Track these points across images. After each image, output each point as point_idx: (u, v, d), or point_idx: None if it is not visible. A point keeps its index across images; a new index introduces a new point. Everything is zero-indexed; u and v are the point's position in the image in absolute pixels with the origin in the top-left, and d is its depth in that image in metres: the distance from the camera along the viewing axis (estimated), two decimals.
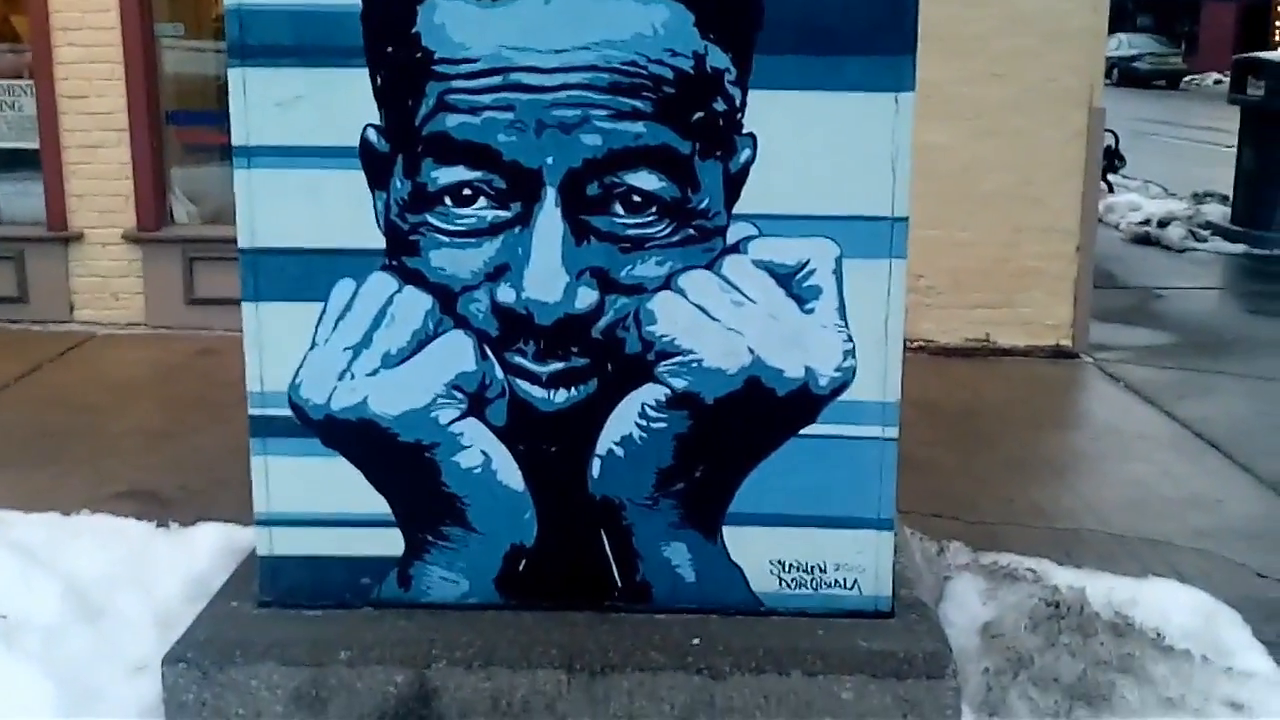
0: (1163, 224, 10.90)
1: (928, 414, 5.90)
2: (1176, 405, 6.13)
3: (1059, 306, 7.05)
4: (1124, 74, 39.49)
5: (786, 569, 3.14)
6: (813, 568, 3.13)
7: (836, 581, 3.14)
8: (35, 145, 7.31)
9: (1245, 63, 11.24)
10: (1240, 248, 10.42)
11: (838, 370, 3.01)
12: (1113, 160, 13.01)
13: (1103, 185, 12.60)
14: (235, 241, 3.08)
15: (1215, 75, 36.69)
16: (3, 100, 7.37)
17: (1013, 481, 5.14)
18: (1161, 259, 10.23)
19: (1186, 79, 39.27)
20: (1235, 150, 11.08)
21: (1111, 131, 12.83)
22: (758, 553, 3.14)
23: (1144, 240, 10.77)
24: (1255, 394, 6.40)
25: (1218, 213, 11.33)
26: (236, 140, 3.00)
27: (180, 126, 7.50)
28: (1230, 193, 11.24)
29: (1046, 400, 6.47)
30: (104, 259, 7.38)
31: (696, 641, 3.02)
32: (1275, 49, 32.73)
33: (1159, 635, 3.47)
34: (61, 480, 4.90)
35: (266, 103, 2.97)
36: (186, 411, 5.89)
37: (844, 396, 3.03)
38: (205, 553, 3.88)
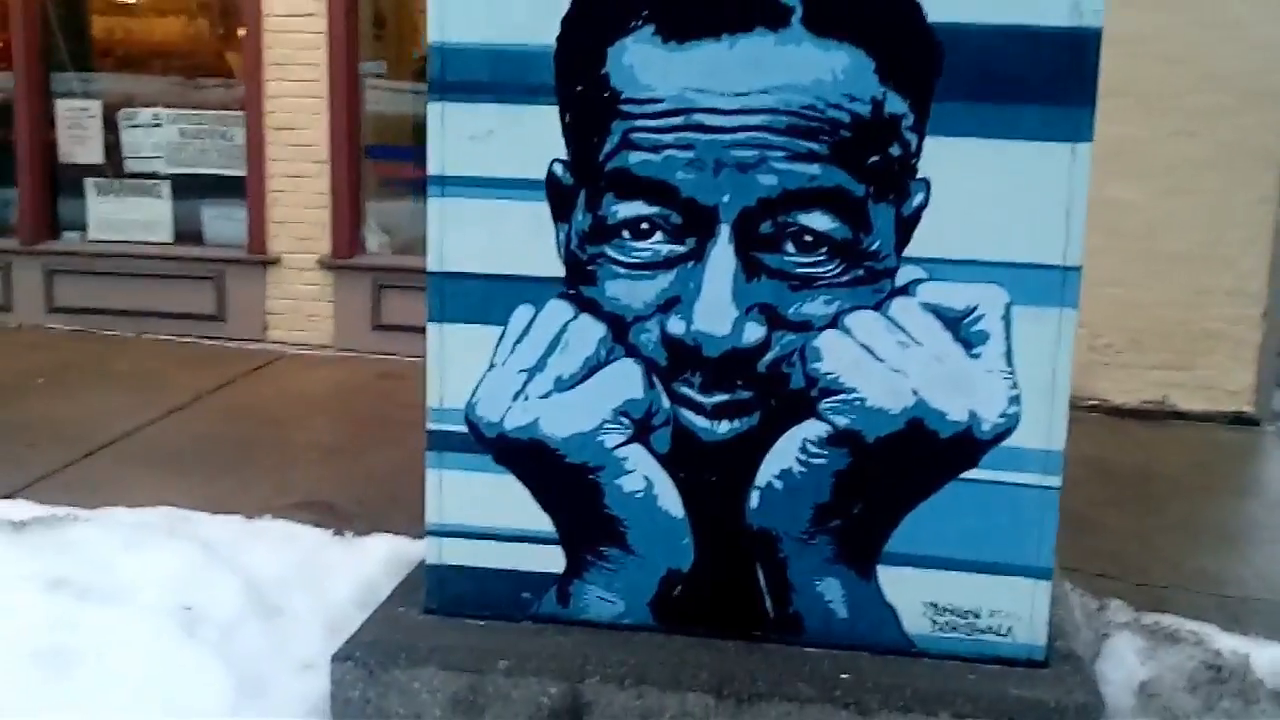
0: None
1: (1099, 474, 5.79)
2: None
3: (1241, 372, 6.82)
4: None
5: (940, 612, 3.14)
6: (967, 612, 3.13)
7: (990, 628, 3.13)
8: (242, 173, 7.75)
9: None
10: None
11: (1002, 416, 3.02)
12: None
13: None
14: (422, 271, 3.24)
15: None
16: (216, 129, 7.84)
17: (1182, 546, 5.00)
18: None
19: None
20: None
21: None
22: (912, 594, 3.15)
23: None
24: None
25: None
26: (432, 170, 3.17)
27: (377, 160, 7.85)
28: None
29: (1224, 466, 6.26)
30: (298, 283, 7.76)
31: (846, 676, 3.05)
32: None
33: None
34: (245, 487, 5.15)
35: (461, 135, 3.13)
36: (365, 430, 6.14)
37: (1007, 442, 3.03)
38: (376, 561, 4.05)
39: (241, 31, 7.66)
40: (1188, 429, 6.74)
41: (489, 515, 3.28)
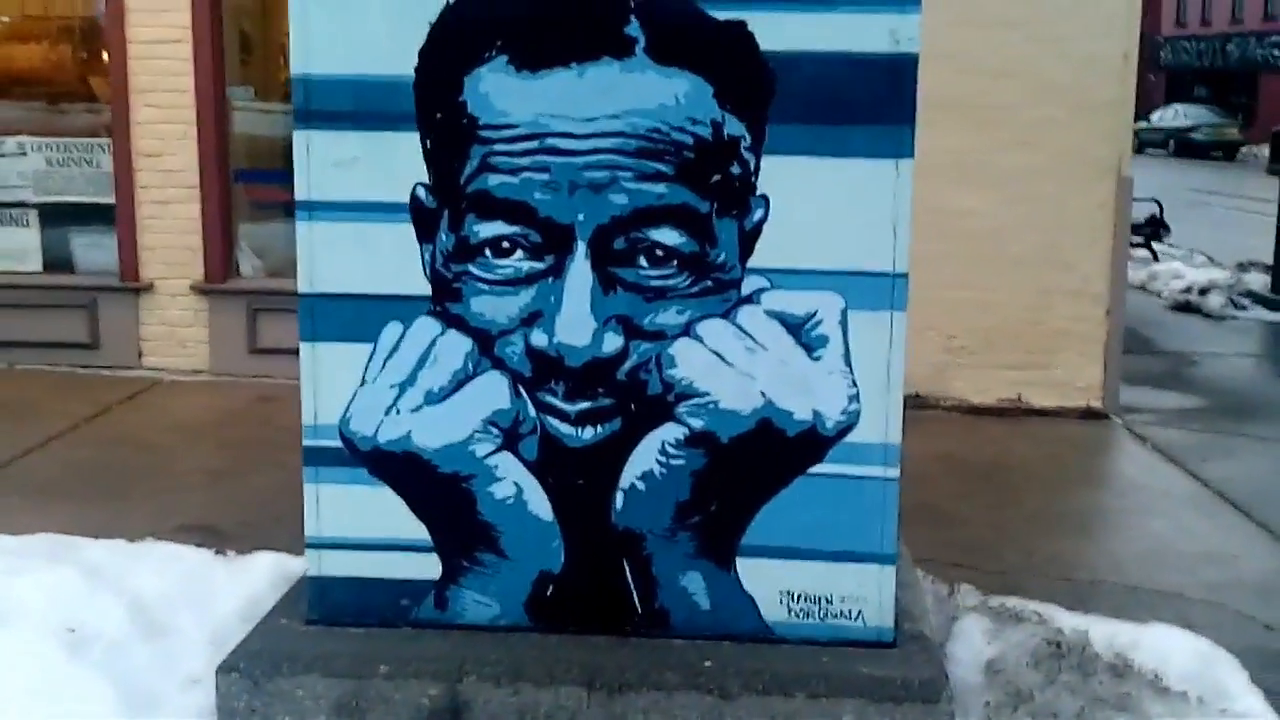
0: (1203, 291, 11.04)
1: (956, 469, 6.10)
2: (1200, 466, 6.28)
3: (1089, 368, 7.22)
4: (1180, 144, 39.55)
5: (795, 599, 3.36)
6: (819, 598, 3.35)
7: (842, 612, 3.35)
8: (111, 200, 7.73)
9: None
10: None
11: (843, 413, 3.25)
12: (1157, 229, 13.19)
13: (1148, 253, 12.78)
14: (297, 294, 3.37)
15: None
16: (83, 157, 7.81)
17: (1035, 534, 5.32)
18: (1200, 326, 10.37)
19: (1243, 149, 39.17)
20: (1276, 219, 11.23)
21: (1156, 201, 13.04)
22: (768, 583, 3.35)
23: (1184, 307, 10.92)
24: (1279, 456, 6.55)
25: (1259, 281, 11.48)
26: (299, 195, 3.30)
27: (248, 184, 7.89)
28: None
29: (1073, 459, 6.64)
30: (172, 309, 7.76)
31: (709, 664, 3.23)
32: None
33: (1157, 677, 3.63)
34: (126, 513, 5.19)
35: (326, 162, 3.27)
36: (246, 453, 6.19)
37: (849, 438, 3.25)
38: (261, 578, 4.13)
39: (105, 56, 7.65)
40: (1041, 424, 7.11)
41: (366, 526, 3.40)
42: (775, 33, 3.11)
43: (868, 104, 3.12)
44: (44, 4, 8.19)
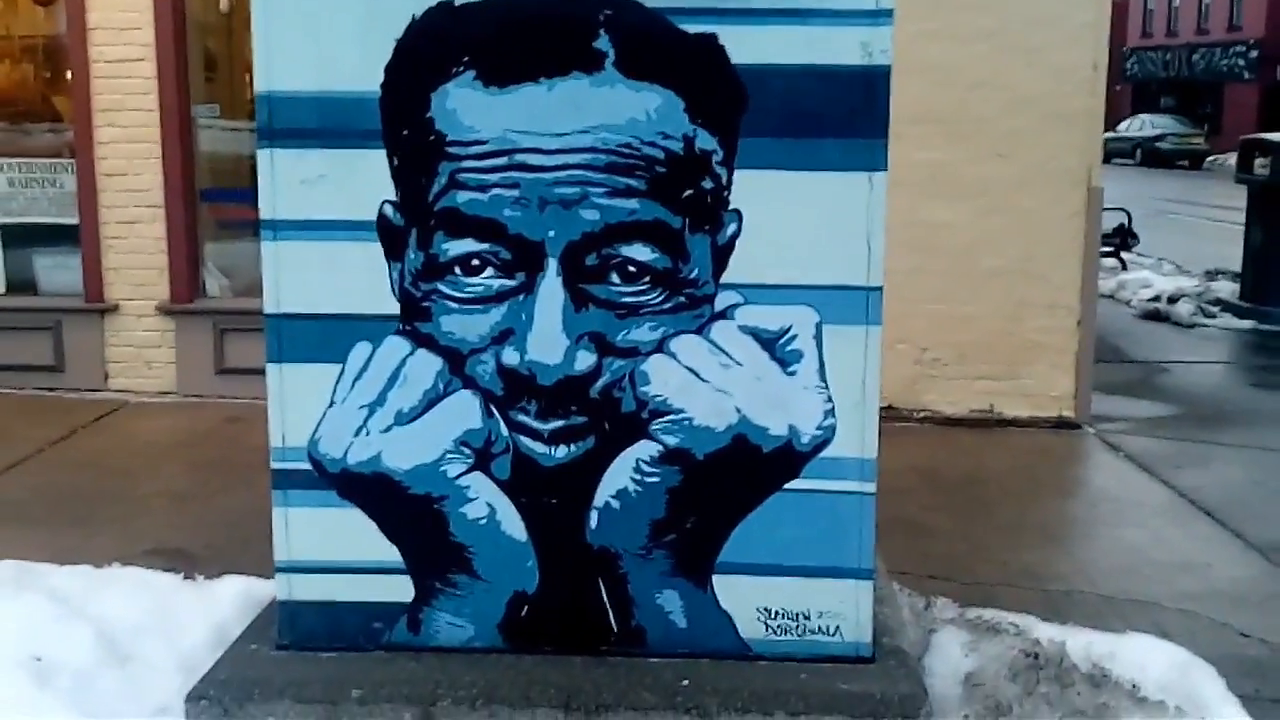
0: (1172, 300, 11.09)
1: (930, 481, 6.09)
2: (1173, 474, 6.29)
3: (1061, 379, 7.23)
4: (1147, 154, 39.94)
5: (773, 616, 3.32)
6: (797, 615, 3.32)
7: (820, 628, 3.32)
8: (75, 221, 7.64)
9: (1251, 143, 11.49)
10: (1249, 324, 10.59)
11: (819, 429, 3.22)
12: (1125, 238, 13.26)
13: (1116, 262, 12.85)
14: (263, 314, 3.32)
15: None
16: (45, 178, 7.72)
17: (1008, 545, 5.30)
18: (1170, 334, 10.41)
19: (1209, 159, 39.52)
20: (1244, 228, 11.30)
21: (1124, 210, 13.11)
22: (745, 600, 3.32)
23: (1154, 316, 10.95)
24: (1251, 463, 6.56)
25: (1228, 289, 11.53)
26: (264, 215, 3.25)
27: (213, 203, 7.82)
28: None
29: (1046, 469, 6.64)
30: (138, 330, 7.68)
31: (686, 683, 3.19)
32: None
33: (1135, 687, 3.61)
34: (92, 538, 5.12)
35: (292, 181, 3.22)
36: (213, 475, 6.13)
37: (825, 453, 3.22)
38: (228, 603, 4.07)
39: (69, 75, 7.57)
40: (1014, 435, 7.12)
41: (337, 549, 3.35)
42: (746, 46, 3.09)
43: (840, 117, 3.10)
44: (5, 24, 8.09)
